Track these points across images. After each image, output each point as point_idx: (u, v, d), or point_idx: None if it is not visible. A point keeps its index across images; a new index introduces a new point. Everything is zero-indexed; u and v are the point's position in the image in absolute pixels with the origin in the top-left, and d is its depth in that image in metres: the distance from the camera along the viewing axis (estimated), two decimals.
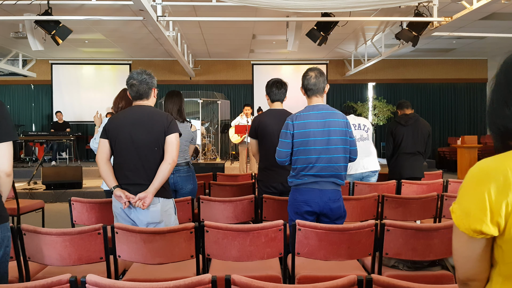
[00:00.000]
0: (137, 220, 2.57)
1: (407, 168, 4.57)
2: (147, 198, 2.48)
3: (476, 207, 0.93)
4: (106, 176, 2.56)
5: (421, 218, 3.57)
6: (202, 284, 1.58)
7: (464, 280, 1.03)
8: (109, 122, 2.63)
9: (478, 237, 0.95)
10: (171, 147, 2.54)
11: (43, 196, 6.68)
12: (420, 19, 6.47)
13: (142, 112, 2.60)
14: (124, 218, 2.60)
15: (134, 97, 2.63)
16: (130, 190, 2.52)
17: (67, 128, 10.92)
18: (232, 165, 9.68)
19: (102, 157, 2.58)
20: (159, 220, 2.58)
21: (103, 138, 2.60)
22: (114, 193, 2.53)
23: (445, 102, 12.44)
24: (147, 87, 2.62)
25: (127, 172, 2.54)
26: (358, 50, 10.76)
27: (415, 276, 2.39)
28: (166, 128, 2.55)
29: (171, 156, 2.53)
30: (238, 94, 12.38)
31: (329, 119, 2.66)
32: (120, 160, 2.57)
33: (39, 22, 6.42)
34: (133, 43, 9.99)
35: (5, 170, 1.87)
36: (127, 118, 2.59)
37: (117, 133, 2.56)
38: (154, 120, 2.57)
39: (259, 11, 6.98)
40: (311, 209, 2.64)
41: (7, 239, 1.88)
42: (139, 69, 2.66)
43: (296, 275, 2.38)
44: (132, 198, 2.49)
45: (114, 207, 2.65)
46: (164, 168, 2.51)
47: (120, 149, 2.56)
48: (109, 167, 2.58)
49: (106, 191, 3.45)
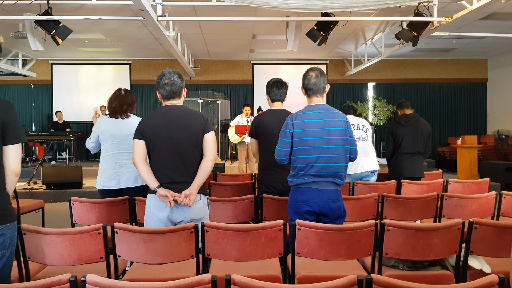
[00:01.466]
0: (180, 217, 2.57)
1: (407, 168, 4.57)
2: (192, 195, 2.52)
3: None
4: (147, 177, 2.55)
5: (421, 218, 3.56)
6: (202, 284, 1.58)
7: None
8: (143, 123, 2.62)
9: None
10: (210, 144, 2.61)
11: (43, 196, 6.68)
12: (420, 19, 6.46)
13: (178, 112, 2.62)
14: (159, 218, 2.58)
15: (167, 96, 2.65)
16: (172, 188, 2.53)
17: (67, 128, 10.92)
18: (232, 165, 9.68)
19: (139, 158, 2.58)
20: (201, 216, 2.61)
21: (138, 139, 2.60)
22: (158, 193, 2.51)
23: (445, 102, 12.44)
24: (179, 87, 2.65)
25: (168, 171, 2.56)
26: (358, 50, 10.76)
27: (415, 276, 2.39)
28: (204, 127, 2.61)
29: (212, 153, 2.60)
30: (238, 94, 12.38)
31: (329, 119, 2.66)
32: (160, 159, 2.58)
33: (39, 22, 6.42)
34: (133, 43, 9.99)
35: (15, 170, 1.96)
36: (163, 118, 2.60)
37: (155, 133, 2.57)
38: (192, 119, 2.61)
39: (259, 11, 6.98)
40: (311, 209, 2.64)
41: (14, 238, 1.95)
42: (169, 69, 2.68)
43: (296, 275, 2.38)
44: (178, 196, 2.51)
45: (151, 206, 2.62)
46: (206, 164, 2.58)
47: (160, 149, 2.57)
48: (148, 167, 2.59)
49: (101, 191, 3.46)
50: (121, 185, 3.39)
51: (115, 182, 3.39)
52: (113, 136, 3.42)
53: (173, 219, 2.59)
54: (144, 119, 2.66)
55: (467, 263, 2.42)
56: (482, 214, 3.42)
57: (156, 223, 2.57)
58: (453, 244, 2.34)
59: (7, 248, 1.90)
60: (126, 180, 3.39)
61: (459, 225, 2.34)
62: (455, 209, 3.42)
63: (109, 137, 3.42)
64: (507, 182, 7.84)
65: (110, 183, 3.39)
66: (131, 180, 3.40)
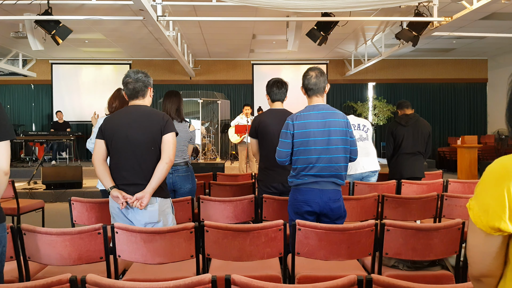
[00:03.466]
0: (135, 220, 2.56)
1: (408, 168, 4.57)
2: (145, 198, 2.47)
3: (495, 204, 0.93)
4: (102, 177, 2.55)
5: (421, 218, 3.57)
6: (202, 284, 1.58)
7: (478, 276, 1.03)
8: (104, 123, 2.62)
9: (495, 234, 0.95)
10: (167, 146, 2.53)
11: (43, 196, 6.67)
12: (420, 19, 6.46)
13: (138, 112, 2.59)
14: (121, 219, 2.59)
15: (130, 95, 2.62)
16: (127, 190, 2.51)
17: (67, 128, 10.92)
18: (232, 165, 9.68)
19: (98, 157, 2.58)
20: (157, 220, 2.57)
21: (99, 139, 2.59)
22: (111, 193, 2.52)
23: (445, 102, 12.44)
24: (143, 85, 2.60)
25: (124, 172, 2.54)
26: (358, 50, 10.76)
27: (415, 276, 2.39)
28: (162, 128, 2.54)
29: (168, 156, 2.52)
30: (238, 94, 12.38)
31: (330, 119, 2.66)
32: (117, 160, 2.56)
33: (39, 22, 6.42)
34: (133, 43, 9.99)
35: (3, 168, 1.86)
36: (123, 118, 2.58)
37: (113, 133, 2.55)
38: (151, 119, 2.56)
39: (259, 11, 6.98)
40: (311, 209, 2.64)
41: (4, 239, 1.88)
42: (135, 69, 2.66)
43: (296, 275, 2.38)
44: (129, 198, 2.48)
45: (111, 207, 2.64)
46: (161, 167, 2.50)
47: (117, 149, 2.55)
48: (106, 167, 2.58)
49: (102, 191, 3.45)
50: None
51: None
52: None
53: (131, 220, 2.57)
54: (106, 119, 2.65)
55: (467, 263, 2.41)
56: None
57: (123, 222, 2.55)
58: (453, 244, 2.34)
59: None
60: None
61: (459, 225, 2.34)
62: (455, 209, 3.42)
63: None
64: None
65: None
66: None
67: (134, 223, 2.56)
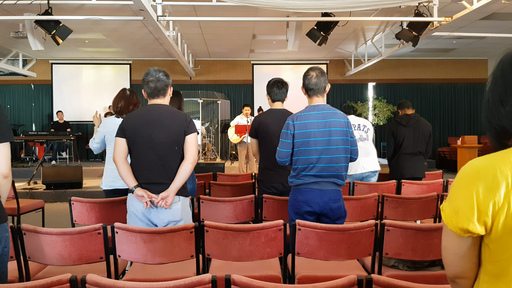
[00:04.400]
0: (158, 219, 2.55)
1: (408, 168, 4.56)
2: (169, 197, 2.49)
3: (464, 206, 0.94)
4: (125, 176, 2.54)
5: (421, 218, 3.57)
6: (202, 284, 1.58)
7: (452, 277, 1.05)
8: (125, 121, 2.60)
9: (465, 235, 0.96)
10: (191, 146, 2.56)
11: (43, 196, 6.67)
12: (420, 19, 6.46)
13: (160, 111, 2.59)
14: (140, 219, 2.57)
15: (151, 94, 2.62)
16: (150, 189, 2.51)
17: (67, 128, 10.92)
18: (232, 165, 9.68)
19: (120, 156, 2.55)
20: (180, 218, 2.59)
21: (120, 137, 2.57)
22: (135, 192, 2.50)
23: (445, 102, 12.44)
24: (164, 84, 2.61)
25: (147, 172, 2.54)
26: (358, 50, 10.76)
27: (415, 276, 2.39)
28: (186, 128, 2.56)
29: (192, 156, 2.55)
30: (238, 94, 12.38)
31: (330, 119, 2.66)
32: (140, 159, 2.55)
33: (39, 21, 6.42)
34: (133, 43, 9.99)
35: (2, 171, 1.84)
36: (145, 117, 2.57)
37: (136, 132, 2.54)
38: (174, 119, 2.57)
39: (259, 11, 6.98)
40: (312, 209, 2.64)
41: (5, 239, 1.88)
42: (155, 67, 2.65)
43: (296, 275, 2.38)
44: (154, 197, 2.49)
45: (131, 206, 2.60)
46: (186, 167, 2.53)
47: (139, 148, 2.54)
48: (128, 166, 2.56)
49: (105, 191, 3.45)
50: None
51: (122, 182, 3.38)
52: None
53: (151, 219, 2.57)
54: (127, 117, 2.64)
55: None
56: None
57: (136, 222, 2.56)
58: None
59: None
60: None
61: None
62: None
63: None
64: None
65: (117, 183, 3.37)
66: None
67: (155, 223, 2.55)
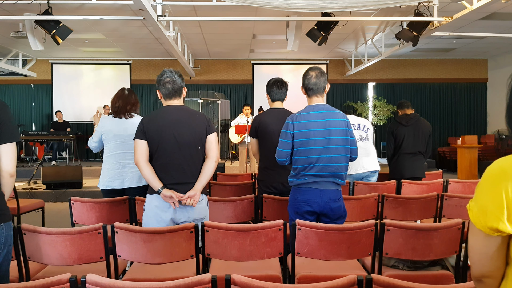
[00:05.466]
0: (184, 217, 2.57)
1: (408, 168, 4.56)
2: (196, 195, 2.54)
3: (493, 205, 0.94)
4: (150, 178, 2.54)
5: (421, 218, 3.56)
6: (202, 283, 1.58)
7: (479, 277, 1.03)
8: (146, 124, 2.59)
9: (494, 234, 0.96)
10: (213, 145, 2.63)
11: (43, 196, 6.67)
12: (420, 19, 6.46)
13: (182, 112, 2.62)
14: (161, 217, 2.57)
15: (167, 95, 2.63)
16: (177, 189, 2.54)
17: (67, 127, 10.91)
18: (232, 165, 9.68)
19: (143, 159, 2.56)
20: (203, 216, 2.64)
21: (141, 139, 2.57)
22: (162, 193, 2.50)
23: (445, 102, 12.44)
24: (180, 85, 2.65)
25: (173, 172, 2.56)
26: (358, 50, 10.76)
27: (415, 276, 2.39)
28: (207, 128, 2.62)
29: (215, 154, 2.62)
30: (238, 94, 12.38)
31: (330, 119, 2.66)
32: (165, 160, 2.56)
33: (39, 21, 6.42)
34: (133, 43, 9.99)
35: (8, 170, 1.90)
36: (168, 119, 2.58)
37: (159, 133, 2.55)
38: (196, 120, 2.62)
39: (259, 11, 6.98)
40: (312, 209, 2.64)
41: (10, 238, 1.91)
42: (170, 68, 2.67)
43: (296, 275, 2.38)
44: (182, 197, 2.52)
45: (151, 205, 2.60)
46: (210, 165, 2.60)
47: (164, 149, 2.55)
48: (151, 168, 2.56)
49: (104, 190, 3.45)
50: (125, 185, 3.39)
51: (119, 182, 3.39)
52: (117, 136, 3.41)
53: (176, 219, 2.58)
54: (147, 119, 2.63)
55: (467, 263, 2.42)
56: None
57: (159, 223, 2.56)
58: (453, 244, 2.34)
59: (2, 248, 1.88)
60: (130, 180, 3.39)
61: (459, 225, 2.34)
62: (455, 209, 3.42)
63: (112, 137, 3.42)
64: None
65: (114, 183, 3.39)
66: (135, 180, 3.39)
67: (177, 222, 2.56)
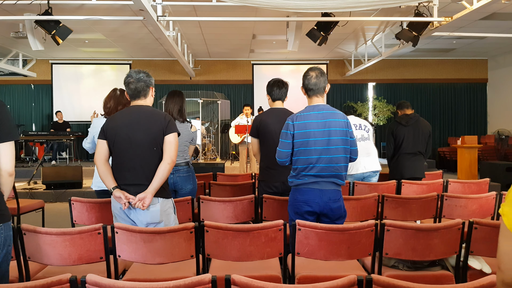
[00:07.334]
0: (137, 220, 2.56)
1: (408, 168, 4.56)
2: (147, 198, 2.47)
3: None
4: (104, 177, 2.55)
5: (421, 218, 3.56)
6: (202, 284, 1.58)
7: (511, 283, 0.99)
8: (106, 123, 2.62)
9: None
10: (169, 147, 2.53)
11: (43, 196, 6.67)
12: (420, 19, 6.46)
13: (139, 112, 2.59)
14: (123, 219, 2.59)
15: (132, 95, 2.62)
16: (129, 190, 2.51)
17: (67, 128, 10.92)
18: (232, 165, 9.68)
19: (100, 157, 2.57)
20: (159, 220, 2.58)
21: (101, 139, 2.58)
22: (113, 194, 2.52)
23: (445, 102, 12.44)
24: (145, 85, 2.61)
25: (126, 173, 2.54)
26: (358, 50, 10.76)
27: (415, 276, 2.39)
28: (164, 128, 2.53)
29: (169, 156, 2.52)
30: (238, 94, 12.38)
31: (330, 119, 2.66)
32: (119, 160, 2.56)
33: (39, 22, 6.42)
34: (133, 43, 9.99)
35: (7, 169, 1.90)
36: (125, 118, 2.58)
37: (115, 133, 2.55)
38: (152, 120, 2.56)
39: (259, 11, 6.98)
40: (311, 209, 2.64)
41: (9, 238, 1.91)
42: (136, 69, 2.66)
43: (296, 275, 2.38)
44: (132, 198, 2.49)
45: (113, 207, 2.64)
46: (163, 168, 2.50)
47: (119, 149, 2.55)
48: (108, 167, 2.57)
49: (97, 191, 3.45)
50: None
51: None
52: None
53: (133, 220, 2.57)
54: (108, 119, 2.65)
55: (467, 263, 2.42)
56: (482, 214, 3.42)
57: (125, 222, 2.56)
58: (453, 244, 2.34)
59: (1, 248, 1.87)
60: None
61: (459, 225, 2.34)
62: (455, 209, 3.42)
63: None
64: (507, 182, 7.82)
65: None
66: None
67: (136, 224, 2.56)
